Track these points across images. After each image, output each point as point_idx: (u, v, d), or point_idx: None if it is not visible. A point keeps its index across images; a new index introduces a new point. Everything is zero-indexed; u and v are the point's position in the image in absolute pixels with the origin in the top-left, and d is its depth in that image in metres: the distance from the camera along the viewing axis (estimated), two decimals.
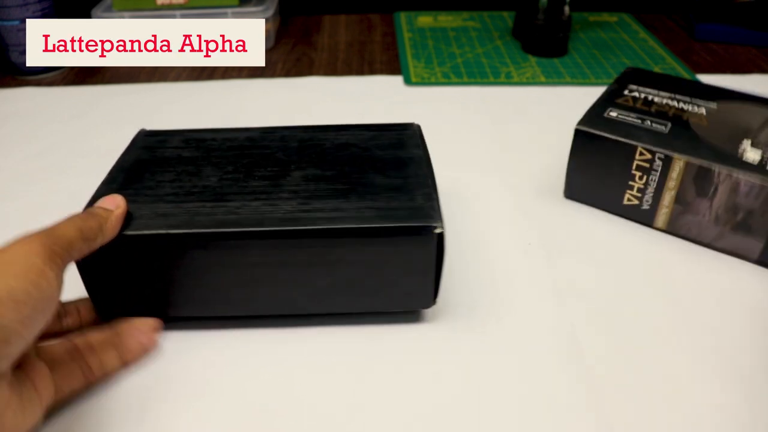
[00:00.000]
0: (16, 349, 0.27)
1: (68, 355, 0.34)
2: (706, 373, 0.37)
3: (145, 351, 0.37)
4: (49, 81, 0.73)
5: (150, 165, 0.41)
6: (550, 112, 0.66)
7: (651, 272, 0.44)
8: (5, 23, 0.70)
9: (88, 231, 0.32)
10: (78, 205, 0.51)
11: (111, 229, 0.34)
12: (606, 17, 0.91)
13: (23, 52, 0.71)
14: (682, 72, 0.74)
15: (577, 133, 0.49)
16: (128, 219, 0.36)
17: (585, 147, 0.49)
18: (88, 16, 0.76)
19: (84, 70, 0.75)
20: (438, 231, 0.35)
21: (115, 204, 0.35)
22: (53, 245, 0.30)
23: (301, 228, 0.35)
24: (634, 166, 0.47)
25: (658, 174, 0.46)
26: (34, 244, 0.29)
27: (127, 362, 0.36)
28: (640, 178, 0.47)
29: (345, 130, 0.45)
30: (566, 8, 0.75)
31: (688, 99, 0.51)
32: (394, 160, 0.41)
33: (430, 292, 0.38)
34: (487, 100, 0.68)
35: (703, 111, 0.49)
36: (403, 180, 0.39)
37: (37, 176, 0.55)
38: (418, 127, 0.46)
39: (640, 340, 0.39)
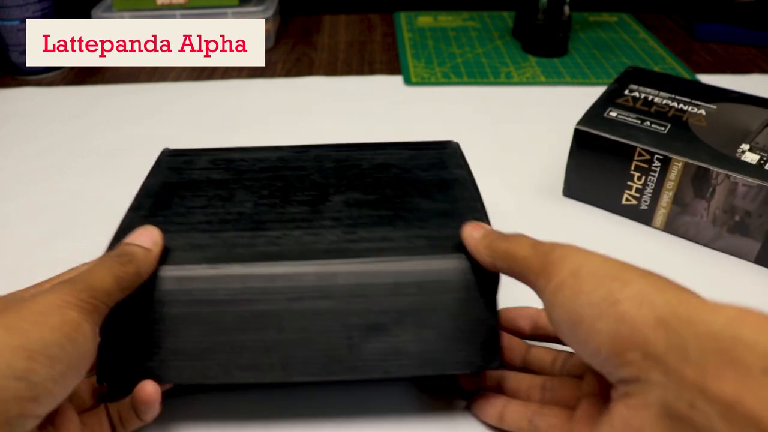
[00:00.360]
0: (45, 409, 0.25)
1: (96, 403, 0.32)
2: None
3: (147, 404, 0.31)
4: (49, 81, 0.73)
5: (178, 188, 0.39)
6: (550, 112, 0.66)
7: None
8: (5, 23, 0.70)
9: (127, 279, 0.30)
10: (77, 206, 0.51)
11: (148, 272, 0.31)
12: (606, 17, 0.91)
13: (23, 52, 0.71)
14: (682, 72, 0.74)
15: (577, 133, 0.49)
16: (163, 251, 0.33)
17: (584, 147, 0.49)
18: (88, 16, 0.76)
19: (84, 70, 0.76)
20: None
21: (153, 241, 0.32)
22: (90, 298, 0.27)
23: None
24: (632, 167, 0.47)
25: (656, 175, 0.46)
26: (69, 296, 0.26)
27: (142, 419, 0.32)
28: (639, 178, 0.47)
29: (381, 149, 0.43)
30: (566, 8, 0.75)
31: (688, 100, 0.51)
32: (437, 182, 0.39)
33: None
34: (487, 100, 0.68)
35: (702, 112, 0.49)
36: (450, 204, 0.37)
37: (37, 176, 0.55)
38: (457, 144, 0.44)
39: None
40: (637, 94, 0.52)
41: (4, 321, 0.24)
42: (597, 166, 0.49)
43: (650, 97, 0.51)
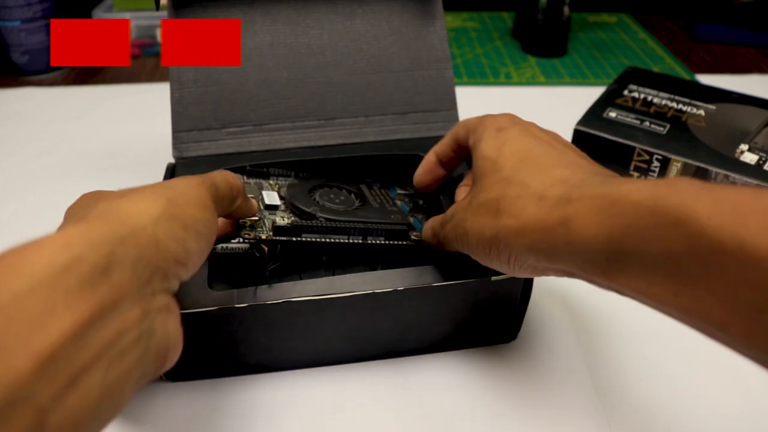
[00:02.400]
0: (188, 275, 0.27)
1: None
2: (704, 369, 0.37)
3: None
4: (50, 81, 0.73)
5: None
6: (550, 112, 0.66)
7: None
8: (6, 24, 0.70)
9: (234, 191, 0.31)
10: None
11: (239, 205, 0.32)
12: (605, 18, 0.92)
13: (25, 53, 0.72)
14: (681, 72, 0.75)
15: (576, 133, 0.49)
16: None
17: (584, 147, 0.49)
18: (88, 16, 0.76)
19: (85, 71, 0.76)
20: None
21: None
22: (215, 194, 0.29)
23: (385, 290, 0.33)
24: (632, 167, 0.47)
25: (655, 175, 0.46)
26: (201, 188, 0.28)
27: None
28: (638, 178, 0.47)
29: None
30: (566, 9, 0.75)
31: (687, 100, 0.51)
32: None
33: (514, 328, 0.38)
34: (486, 100, 0.68)
35: (701, 112, 0.49)
36: None
37: (39, 177, 0.55)
38: None
39: (640, 339, 0.39)
40: (636, 94, 0.52)
41: (165, 192, 0.26)
42: None
43: (649, 98, 0.51)
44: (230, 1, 0.46)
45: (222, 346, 0.34)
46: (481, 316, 0.36)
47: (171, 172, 0.44)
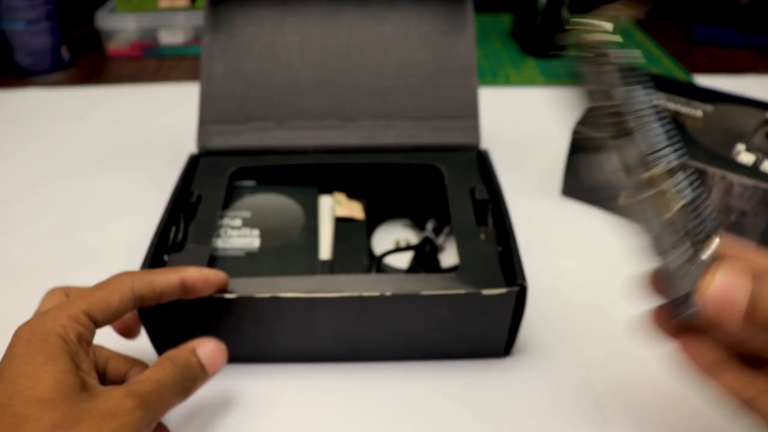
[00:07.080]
0: None
1: None
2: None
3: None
4: (53, 82, 0.73)
5: None
6: (548, 112, 0.66)
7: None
8: (10, 25, 0.70)
9: (176, 396, 0.29)
10: (81, 206, 0.52)
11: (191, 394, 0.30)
12: None
13: (28, 54, 0.72)
14: (679, 73, 0.75)
15: (575, 134, 0.49)
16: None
17: (582, 148, 0.49)
18: (91, 18, 0.77)
19: (87, 72, 0.76)
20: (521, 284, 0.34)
21: (215, 367, 0.31)
22: (83, 333, 0.27)
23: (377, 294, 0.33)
24: None
25: None
26: (48, 365, 0.26)
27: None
28: None
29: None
30: (565, 10, 0.76)
31: (684, 101, 0.51)
32: None
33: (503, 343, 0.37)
34: (486, 101, 0.69)
35: (699, 113, 0.50)
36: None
37: (41, 176, 0.56)
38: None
39: (640, 355, 0.39)
40: None
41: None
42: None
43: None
44: (264, 0, 0.47)
45: (211, 335, 0.34)
46: (471, 330, 0.36)
47: (193, 162, 0.45)
